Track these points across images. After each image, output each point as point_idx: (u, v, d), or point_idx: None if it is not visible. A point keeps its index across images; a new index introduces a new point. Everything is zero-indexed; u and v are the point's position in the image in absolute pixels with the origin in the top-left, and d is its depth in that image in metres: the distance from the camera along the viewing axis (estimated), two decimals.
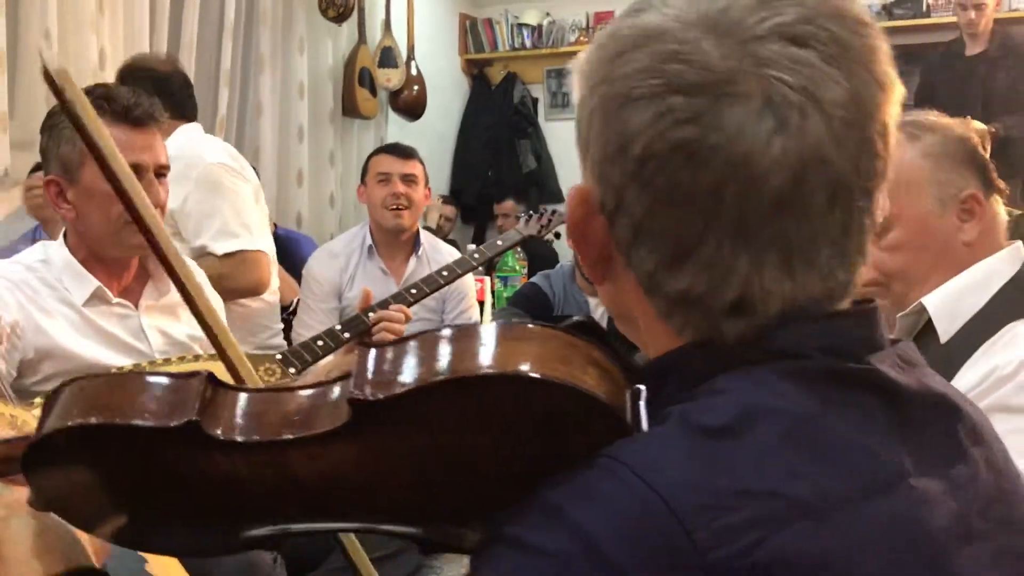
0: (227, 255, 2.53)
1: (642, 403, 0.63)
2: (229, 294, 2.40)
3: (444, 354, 0.63)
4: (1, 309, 1.69)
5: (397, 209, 3.05)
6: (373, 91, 5.31)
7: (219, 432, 0.67)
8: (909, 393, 0.65)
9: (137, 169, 1.78)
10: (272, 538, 0.78)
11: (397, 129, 5.67)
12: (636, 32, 0.64)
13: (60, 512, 0.78)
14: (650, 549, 0.54)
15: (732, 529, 0.54)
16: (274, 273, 2.78)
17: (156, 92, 2.01)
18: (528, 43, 6.28)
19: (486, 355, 0.63)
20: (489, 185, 6.20)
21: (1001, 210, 1.47)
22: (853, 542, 0.57)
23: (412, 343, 0.65)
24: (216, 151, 2.69)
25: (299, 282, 3.19)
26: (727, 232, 0.61)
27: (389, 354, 0.65)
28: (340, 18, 5.02)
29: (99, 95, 1.78)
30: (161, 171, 1.87)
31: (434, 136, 6.01)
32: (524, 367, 0.61)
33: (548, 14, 6.23)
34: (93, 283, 1.82)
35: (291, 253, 3.56)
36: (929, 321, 1.41)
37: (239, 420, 0.68)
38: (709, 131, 0.60)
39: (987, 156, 1.46)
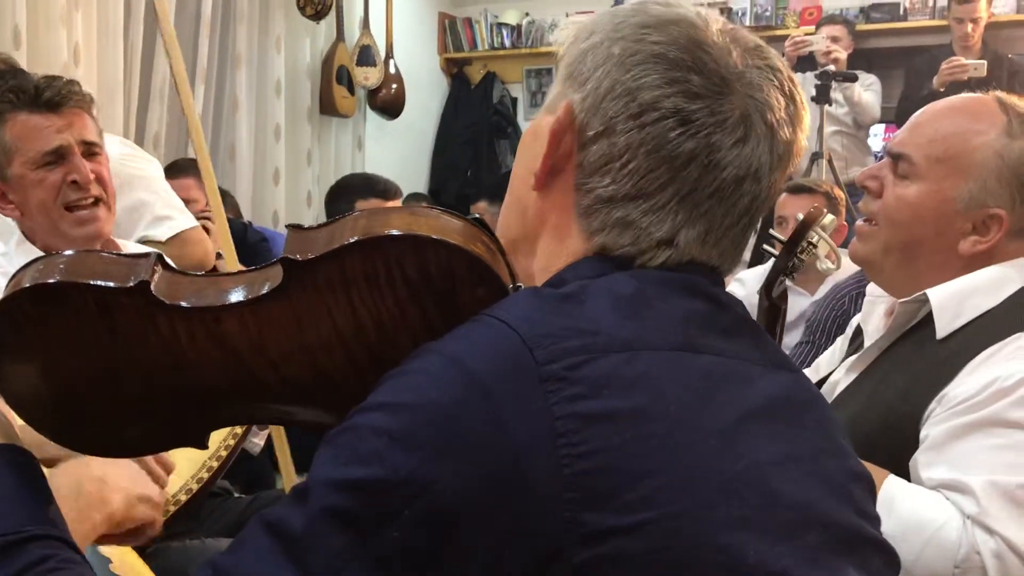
0: (170, 240, 2.49)
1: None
2: None
3: (359, 226, 0.75)
4: None
5: None
6: (351, 89, 5.29)
7: (165, 298, 0.77)
8: (731, 309, 0.81)
9: (60, 152, 1.77)
10: (197, 429, 0.86)
11: (375, 128, 5.64)
12: (672, 13, 0.80)
13: (9, 396, 0.83)
14: (501, 363, 0.69)
15: (564, 351, 0.69)
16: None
17: None
18: (508, 43, 6.25)
19: (393, 223, 0.75)
20: (468, 185, 6.17)
21: None
22: (660, 375, 0.72)
23: (334, 223, 0.77)
24: (109, 144, 2.64)
25: None
26: (680, 193, 0.78)
27: (314, 230, 0.77)
28: (318, 16, 4.99)
29: (7, 89, 1.76)
30: (91, 148, 1.83)
31: (413, 135, 5.98)
32: (423, 231, 0.74)
33: (527, 14, 6.21)
34: None
35: (266, 251, 3.53)
36: (929, 314, 1.34)
37: (184, 290, 0.78)
38: (706, 113, 0.77)
39: None
